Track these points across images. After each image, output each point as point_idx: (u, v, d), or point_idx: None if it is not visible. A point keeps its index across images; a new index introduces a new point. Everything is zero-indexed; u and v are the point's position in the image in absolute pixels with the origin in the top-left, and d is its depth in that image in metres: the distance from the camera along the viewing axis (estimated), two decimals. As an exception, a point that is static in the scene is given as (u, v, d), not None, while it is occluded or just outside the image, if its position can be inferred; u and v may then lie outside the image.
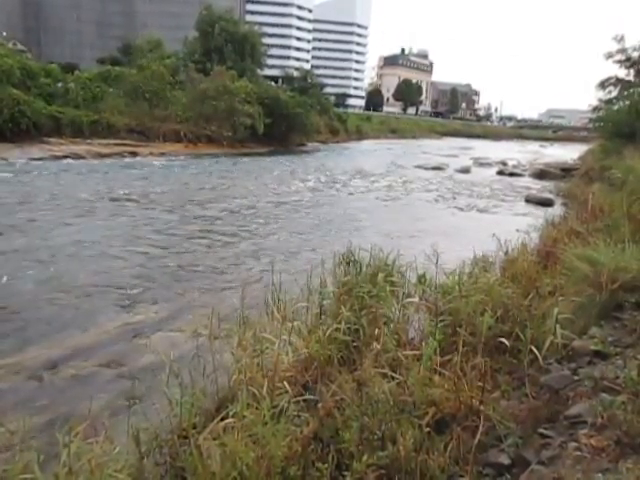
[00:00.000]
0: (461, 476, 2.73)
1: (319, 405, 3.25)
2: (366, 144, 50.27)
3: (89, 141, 25.44)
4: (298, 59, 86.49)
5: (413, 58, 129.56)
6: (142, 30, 62.37)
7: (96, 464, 2.62)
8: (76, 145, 24.29)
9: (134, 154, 25.20)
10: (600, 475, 2.28)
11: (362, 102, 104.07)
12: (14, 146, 22.12)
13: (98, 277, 7.69)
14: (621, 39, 22.10)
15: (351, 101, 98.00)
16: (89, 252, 8.99)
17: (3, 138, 22.47)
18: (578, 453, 2.45)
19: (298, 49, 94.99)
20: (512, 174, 27.64)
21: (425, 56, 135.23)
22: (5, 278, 7.33)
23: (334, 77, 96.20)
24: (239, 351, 3.87)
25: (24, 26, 72.22)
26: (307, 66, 71.92)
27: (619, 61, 22.28)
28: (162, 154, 26.31)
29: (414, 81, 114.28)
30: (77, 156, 22.67)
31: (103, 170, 19.83)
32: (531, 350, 3.52)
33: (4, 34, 51.56)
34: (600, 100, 23.17)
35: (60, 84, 29.10)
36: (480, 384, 3.22)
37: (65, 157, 22.16)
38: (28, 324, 5.94)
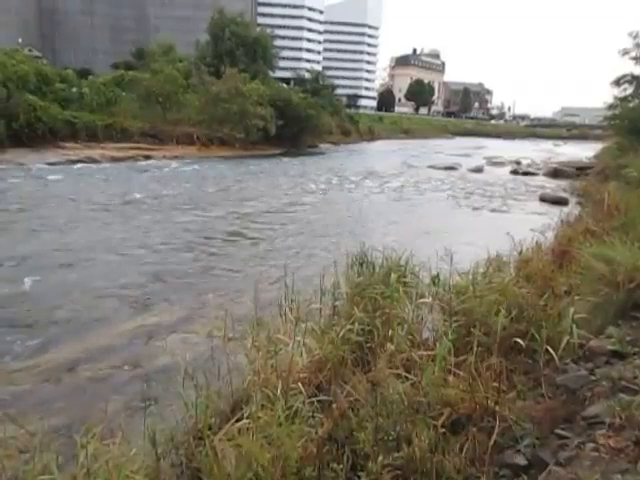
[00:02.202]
0: (477, 477, 2.71)
1: (333, 406, 3.25)
2: (378, 145, 50.19)
3: (103, 145, 25.72)
4: (309, 61, 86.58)
5: (425, 58, 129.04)
6: (154, 34, 62.91)
7: (113, 465, 2.65)
8: (91, 149, 24.58)
9: (148, 157, 25.43)
10: (619, 476, 2.25)
11: (374, 103, 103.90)
12: (30, 151, 22.43)
13: (114, 279, 7.77)
14: (636, 35, 21.79)
15: (363, 102, 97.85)
16: (105, 255, 9.09)
17: (20, 143, 22.81)
18: (596, 454, 2.42)
19: (309, 50, 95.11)
20: (526, 173, 27.40)
21: (437, 56, 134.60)
22: (24, 281, 7.44)
23: (345, 78, 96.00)
24: (253, 352, 3.88)
25: (39, 33, 73.26)
26: (318, 67, 71.85)
27: (635, 58, 21.98)
28: (175, 157, 26.52)
29: (426, 81, 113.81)
30: (92, 160, 22.94)
31: (117, 173, 20.05)
32: (547, 350, 3.49)
33: (20, 40, 52.34)
34: (615, 97, 22.88)
35: (75, 89, 29.45)
36: (495, 384, 3.20)
37: (80, 161, 22.43)
38: (46, 326, 6.03)
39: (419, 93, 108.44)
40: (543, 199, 17.61)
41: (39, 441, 3.01)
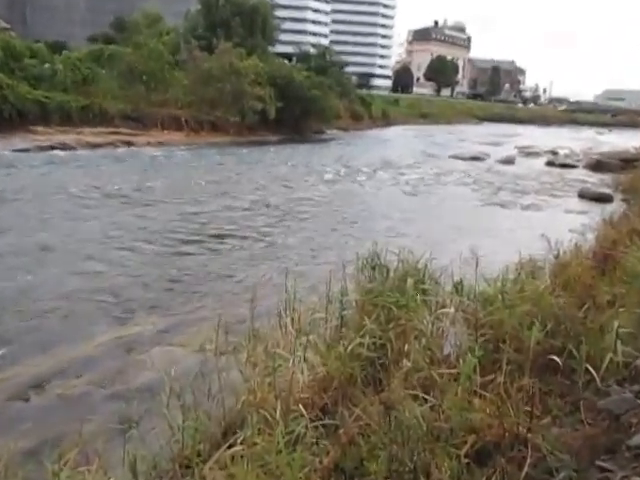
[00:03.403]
0: (505, 515, 2.70)
1: (340, 431, 3.25)
2: (393, 131, 50.18)
3: (79, 130, 25.80)
4: (315, 34, 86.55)
5: (448, 32, 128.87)
6: (138, 3, 63.10)
7: (88, 495, 2.65)
8: (64, 134, 24.67)
9: (129, 144, 25.51)
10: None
11: (389, 83, 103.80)
12: (-5, 136, 22.57)
13: (89, 283, 7.80)
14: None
15: (376, 82, 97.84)
16: (79, 255, 9.12)
17: (-17, 127, 22.95)
18: (643, 490, 2.41)
19: (315, 22, 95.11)
20: (563, 165, 27.31)
21: (462, 29, 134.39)
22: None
23: (356, 54, 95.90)
24: (248, 369, 3.88)
25: (8, 1, 73.64)
26: (325, 42, 71.98)
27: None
28: (160, 144, 26.60)
29: (449, 58, 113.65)
30: (65, 146, 23.01)
31: (94, 162, 20.12)
32: (587, 369, 3.47)
33: (-15, 10, 52.63)
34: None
35: (47, 65, 29.57)
36: (527, 408, 3.19)
37: (52, 148, 22.51)
38: (12, 337, 6.05)
39: (441, 72, 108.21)
40: (583, 195, 17.55)
41: (4, 467, 3.02)
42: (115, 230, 10.79)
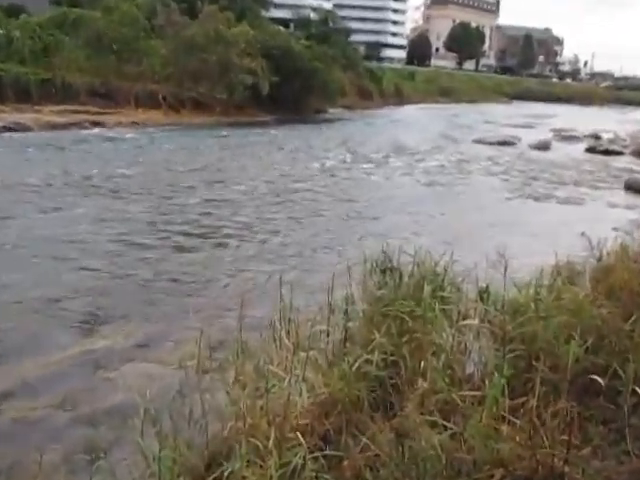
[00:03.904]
0: None
1: (345, 463, 3.25)
2: (408, 110, 50.16)
3: (38, 107, 25.78)
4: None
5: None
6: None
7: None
8: (21, 112, 24.65)
9: (98, 124, 25.50)
10: None
11: (403, 54, 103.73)
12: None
13: (51, 288, 7.81)
14: None
15: (388, 52, 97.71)
16: (38, 256, 9.13)
17: None
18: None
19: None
20: (607, 152, 27.28)
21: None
22: None
23: (365, 20, 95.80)
24: (236, 389, 3.88)
25: (-46, -45, 73.69)
26: (328, 6, 71.84)
27: None
28: (134, 124, 26.61)
29: (473, 25, 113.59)
30: (22, 127, 22.99)
31: (57, 146, 20.13)
32: (634, 391, 3.47)
33: None
34: None
35: (1, 32, 29.55)
36: (564, 437, 3.19)
37: (6, 129, 22.48)
38: (-41, 350, 6.06)
39: (464, 41, 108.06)
40: (630, 187, 17.53)
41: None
42: (81, 226, 10.79)
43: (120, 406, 4.92)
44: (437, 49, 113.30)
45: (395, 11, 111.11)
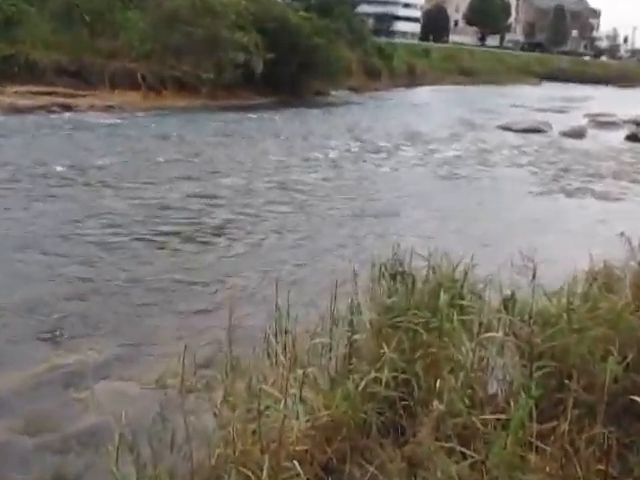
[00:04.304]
0: None
1: (349, 496, 3.25)
2: (422, 92, 50.17)
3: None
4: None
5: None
6: None
7: None
8: (-22, 95, 24.66)
9: (67, 108, 25.47)
10: None
11: (417, 27, 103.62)
12: None
13: (14, 297, 7.79)
14: None
15: (399, 26, 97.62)
16: (2, 256, 9.13)
17: None
18: None
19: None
20: (651, 140, 27.29)
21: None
22: None
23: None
24: (225, 411, 3.88)
25: None
26: (331, -28, 71.80)
27: None
28: (109, 108, 26.57)
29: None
30: (-21, 112, 23.00)
31: (21, 132, 20.11)
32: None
33: None
34: None
35: (-45, 2, 29.57)
36: (601, 466, 3.19)
37: (-39, 113, 22.51)
38: None
39: (487, 14, 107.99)
40: (677, 180, 17.54)
41: None
42: (49, 225, 10.78)
43: (93, 430, 4.92)
44: (456, 22, 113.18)
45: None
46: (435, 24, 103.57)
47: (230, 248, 10.28)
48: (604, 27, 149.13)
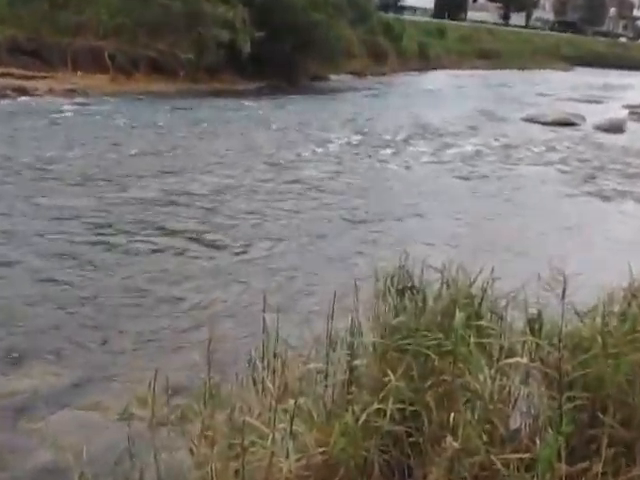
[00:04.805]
0: None
1: None
2: (436, 78, 50.24)
3: (-57, 69, 25.80)
4: None
5: None
6: None
7: None
8: None
9: (22, 91, 25.39)
10: None
11: (430, 3, 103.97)
12: None
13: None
14: None
15: (409, 0, 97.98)
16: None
17: None
18: None
19: None
20: (702, 135, 27.37)
21: None
22: None
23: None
24: (203, 447, 3.87)
25: None
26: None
27: None
28: (71, 92, 26.51)
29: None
30: None
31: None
32: None
33: None
34: None
35: None
36: (640, 517, 3.18)
37: None
38: None
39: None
40: None
41: None
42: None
43: (48, 468, 4.90)
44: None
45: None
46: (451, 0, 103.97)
47: (211, 257, 10.26)
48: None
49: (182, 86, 30.27)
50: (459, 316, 4.80)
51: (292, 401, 4.11)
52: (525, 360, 4.62)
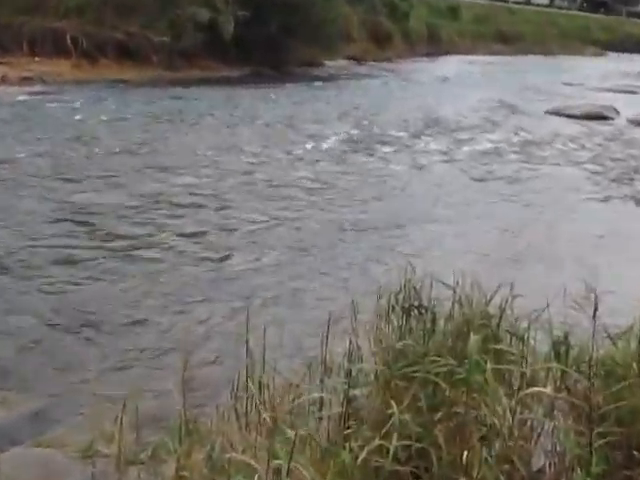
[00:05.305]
0: None
1: None
2: (448, 64, 50.29)
3: None
4: None
5: None
6: None
7: None
8: None
9: (-30, 80, 25.47)
10: None
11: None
12: None
13: None
14: None
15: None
16: None
17: None
18: None
19: None
20: None
21: None
22: None
23: None
24: (179, 490, 3.88)
25: None
26: None
27: None
28: (27, 80, 26.53)
29: None
30: None
31: None
32: None
33: None
34: None
35: None
36: None
37: None
38: None
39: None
40: None
41: None
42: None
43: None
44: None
45: None
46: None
47: (187, 269, 10.24)
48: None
49: (155, 73, 30.25)
50: (474, 339, 4.81)
51: (282, 437, 4.12)
52: (550, 390, 4.62)
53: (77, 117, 21.44)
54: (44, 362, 7.39)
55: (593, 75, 48.03)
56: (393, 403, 4.25)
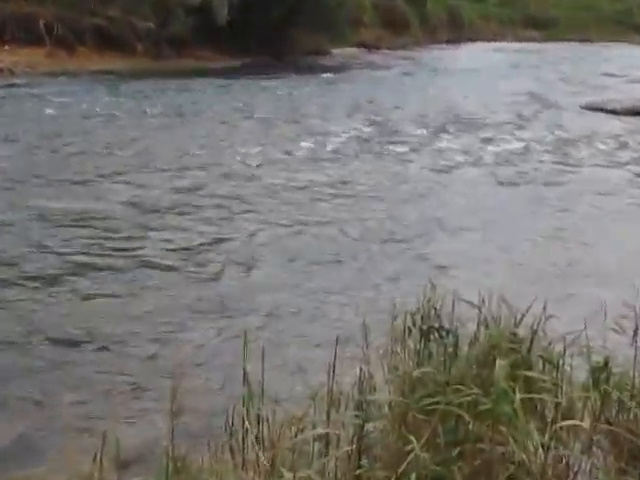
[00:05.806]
0: None
1: None
2: (471, 52, 50.42)
3: None
4: None
5: None
6: None
7: None
8: None
9: None
10: None
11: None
12: None
13: None
14: None
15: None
16: None
17: None
18: None
19: None
20: None
21: None
22: None
23: None
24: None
25: None
26: None
27: None
28: (-4, 71, 26.66)
29: None
30: None
31: None
32: None
33: None
34: None
35: None
36: None
37: None
38: None
39: None
40: None
41: None
42: None
43: None
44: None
45: None
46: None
47: (177, 286, 10.25)
48: None
49: (140, 63, 30.32)
50: (501, 365, 4.81)
51: (283, 478, 4.12)
52: (587, 423, 4.62)
53: (49, 113, 21.51)
54: (14, 389, 7.40)
55: (636, 65, 48.01)
56: (411, 438, 4.25)
